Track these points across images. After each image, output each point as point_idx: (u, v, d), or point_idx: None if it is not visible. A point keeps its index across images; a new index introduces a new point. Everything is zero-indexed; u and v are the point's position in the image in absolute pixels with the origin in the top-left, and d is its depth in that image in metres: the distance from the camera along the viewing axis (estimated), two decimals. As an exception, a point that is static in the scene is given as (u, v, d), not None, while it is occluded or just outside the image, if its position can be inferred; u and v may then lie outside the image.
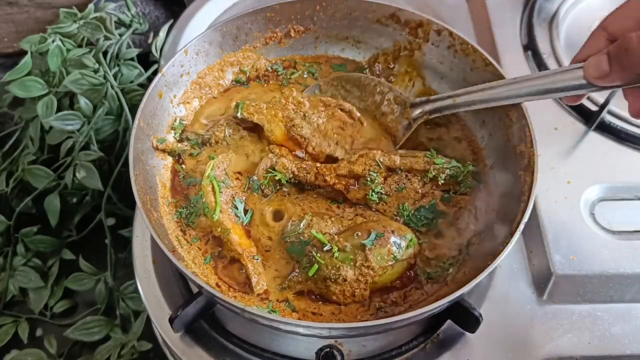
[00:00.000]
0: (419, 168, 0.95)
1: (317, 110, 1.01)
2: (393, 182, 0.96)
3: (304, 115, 1.01)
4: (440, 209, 0.94)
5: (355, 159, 0.96)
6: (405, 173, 0.96)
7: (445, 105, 0.97)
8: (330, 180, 0.96)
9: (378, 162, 0.95)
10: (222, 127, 1.03)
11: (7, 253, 1.26)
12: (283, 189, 0.98)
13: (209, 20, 1.38)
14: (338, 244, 0.87)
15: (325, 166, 0.97)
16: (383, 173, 0.95)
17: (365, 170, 0.95)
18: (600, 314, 0.95)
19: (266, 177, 0.96)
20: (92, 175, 1.21)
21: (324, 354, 0.84)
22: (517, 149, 0.94)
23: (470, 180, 0.96)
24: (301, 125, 1.00)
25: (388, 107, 1.03)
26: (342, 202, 0.98)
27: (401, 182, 0.95)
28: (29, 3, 1.46)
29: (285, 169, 0.96)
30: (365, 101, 1.06)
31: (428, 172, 0.95)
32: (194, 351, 0.92)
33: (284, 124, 1.00)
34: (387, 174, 0.96)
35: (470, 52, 1.03)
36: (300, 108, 1.01)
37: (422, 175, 0.95)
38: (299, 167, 0.97)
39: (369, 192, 0.94)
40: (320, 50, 1.17)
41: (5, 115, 1.40)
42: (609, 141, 1.10)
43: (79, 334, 1.18)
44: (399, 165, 0.95)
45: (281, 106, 1.01)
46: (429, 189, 0.96)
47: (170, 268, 1.01)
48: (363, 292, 0.86)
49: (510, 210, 0.89)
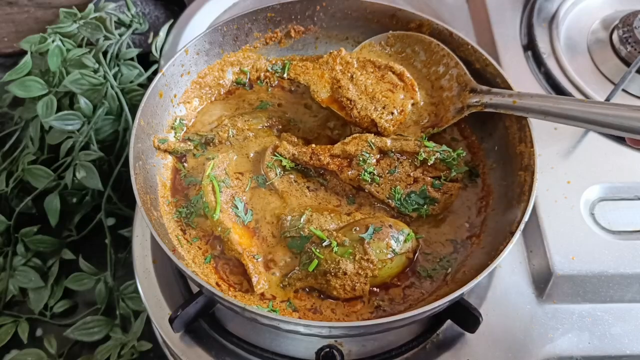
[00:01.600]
0: (410, 150, 0.95)
1: (366, 72, 0.98)
2: (385, 165, 0.96)
3: (351, 77, 0.98)
4: (431, 195, 0.94)
5: (349, 140, 0.97)
6: (397, 156, 0.96)
7: (504, 103, 0.93)
8: (324, 159, 0.96)
9: (370, 143, 0.95)
10: (226, 127, 1.03)
11: (7, 253, 1.26)
12: (290, 176, 0.99)
13: (209, 20, 1.38)
14: (337, 239, 0.87)
15: (320, 147, 0.98)
16: (375, 154, 0.95)
17: (358, 150, 0.95)
18: (600, 314, 0.95)
19: (272, 159, 0.98)
20: (92, 175, 1.21)
21: (324, 354, 0.84)
22: (517, 149, 0.94)
23: (462, 166, 0.97)
24: (348, 87, 0.98)
25: (448, 82, 1.00)
26: (348, 198, 0.98)
27: (393, 165, 0.96)
28: (29, 3, 1.46)
29: (287, 151, 0.97)
30: (429, 68, 1.03)
31: (418, 154, 0.95)
32: (194, 351, 0.92)
33: (330, 85, 0.98)
34: (379, 156, 0.96)
35: (470, 52, 1.03)
36: (349, 69, 0.99)
37: (413, 158, 0.96)
38: (299, 151, 0.98)
39: (362, 172, 0.95)
40: (321, 50, 1.17)
41: (5, 115, 1.40)
42: (609, 141, 1.10)
43: (79, 334, 1.18)
44: (390, 147, 0.95)
45: (329, 67, 0.99)
46: (420, 174, 0.96)
47: (170, 268, 1.01)
48: (363, 286, 0.86)
49: (510, 210, 0.89)
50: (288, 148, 0.98)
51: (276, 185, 0.98)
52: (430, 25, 1.06)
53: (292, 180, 0.99)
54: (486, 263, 0.80)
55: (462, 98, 0.99)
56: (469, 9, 1.38)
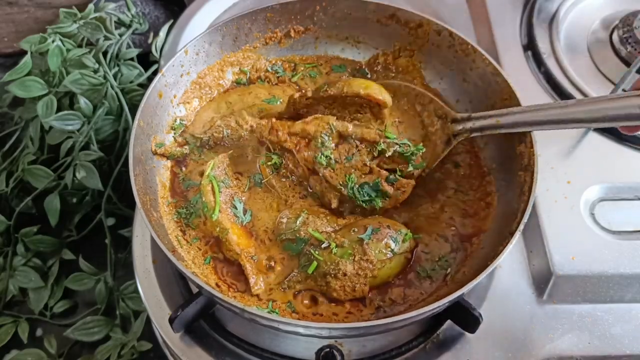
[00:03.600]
0: (370, 138, 0.95)
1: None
2: (343, 151, 0.95)
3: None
4: (383, 189, 0.93)
5: (310, 120, 0.96)
6: (356, 143, 0.95)
7: (488, 124, 0.94)
8: (282, 136, 0.95)
9: (331, 125, 0.94)
10: (219, 128, 1.03)
11: (7, 253, 1.26)
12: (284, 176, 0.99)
13: (209, 20, 1.38)
14: (336, 240, 0.87)
15: (280, 122, 0.97)
16: (335, 139, 0.95)
17: (317, 131, 0.94)
18: (600, 314, 0.95)
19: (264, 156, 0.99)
20: (92, 175, 1.21)
21: (324, 354, 0.84)
22: (517, 149, 0.94)
23: (419, 162, 0.95)
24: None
25: (428, 118, 1.01)
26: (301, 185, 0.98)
27: (351, 152, 0.95)
28: (29, 3, 1.46)
29: (245, 121, 0.99)
30: (408, 111, 1.03)
31: (378, 144, 0.94)
32: (194, 351, 0.92)
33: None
34: (338, 140, 0.95)
35: (470, 52, 1.03)
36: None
37: (372, 147, 0.95)
38: (258, 123, 0.98)
39: (319, 154, 0.94)
40: (320, 50, 1.17)
41: (5, 115, 1.40)
42: (609, 141, 1.10)
43: (79, 334, 1.18)
44: (351, 132, 0.95)
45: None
46: (375, 166, 0.95)
47: (170, 268, 1.01)
48: (363, 287, 0.86)
49: (510, 211, 0.89)
50: (247, 119, 0.97)
51: (273, 183, 0.97)
52: (430, 25, 1.06)
53: (288, 180, 0.98)
54: (486, 263, 0.80)
55: (446, 130, 0.98)
56: (469, 9, 1.38)
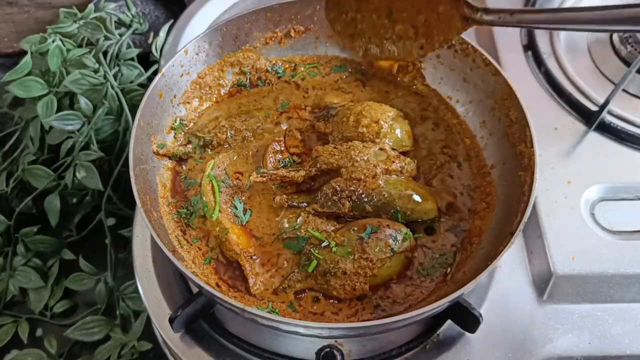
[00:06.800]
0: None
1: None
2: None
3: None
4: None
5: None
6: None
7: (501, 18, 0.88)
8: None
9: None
10: (224, 129, 1.03)
11: (7, 253, 1.26)
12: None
13: (209, 20, 1.38)
14: (335, 239, 0.87)
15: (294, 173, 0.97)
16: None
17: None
18: (600, 314, 0.95)
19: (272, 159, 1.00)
20: (92, 175, 1.21)
21: (324, 354, 0.84)
22: (517, 149, 0.94)
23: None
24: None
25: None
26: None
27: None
28: (29, 3, 1.46)
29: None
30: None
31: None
32: (194, 351, 0.92)
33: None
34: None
35: (470, 52, 1.03)
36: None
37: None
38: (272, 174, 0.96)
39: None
40: (320, 50, 1.17)
41: (5, 115, 1.40)
42: (609, 141, 1.10)
43: (79, 334, 1.18)
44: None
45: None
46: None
47: (170, 268, 1.01)
48: (363, 285, 0.86)
49: (510, 210, 0.89)
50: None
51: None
52: (430, 25, 1.06)
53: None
54: (486, 263, 0.80)
55: (460, 10, 0.92)
56: (469, 9, 1.38)
